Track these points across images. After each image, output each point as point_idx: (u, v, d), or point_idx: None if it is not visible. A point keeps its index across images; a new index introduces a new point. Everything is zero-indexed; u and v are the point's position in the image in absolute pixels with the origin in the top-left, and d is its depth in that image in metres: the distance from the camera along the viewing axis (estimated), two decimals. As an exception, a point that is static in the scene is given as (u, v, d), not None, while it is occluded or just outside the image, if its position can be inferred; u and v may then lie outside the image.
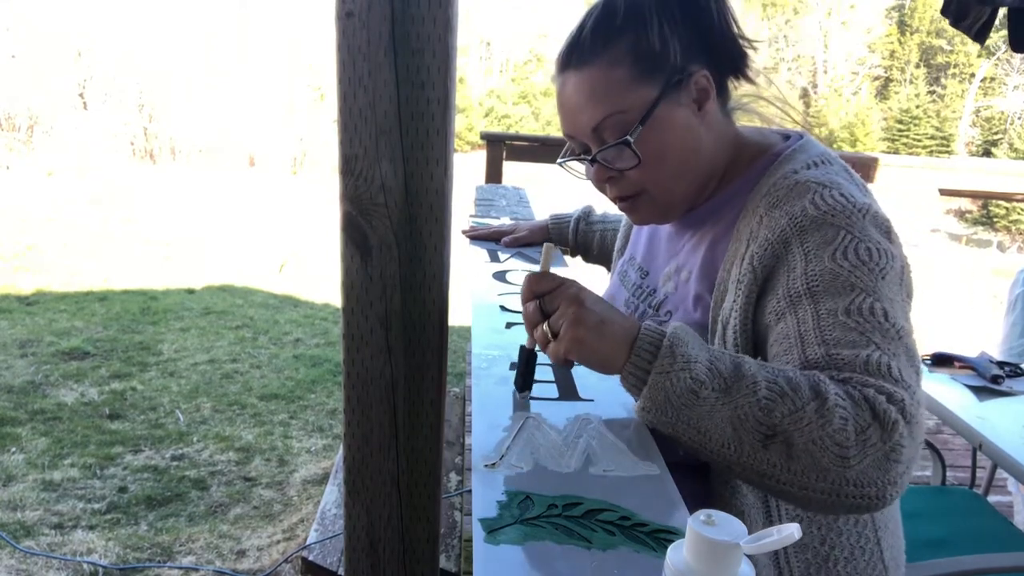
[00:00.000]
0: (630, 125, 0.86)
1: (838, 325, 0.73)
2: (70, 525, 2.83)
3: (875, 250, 0.76)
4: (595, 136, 0.89)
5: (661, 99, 0.86)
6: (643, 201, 0.93)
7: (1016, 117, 32.71)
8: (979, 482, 2.32)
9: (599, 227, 1.45)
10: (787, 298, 0.77)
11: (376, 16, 0.66)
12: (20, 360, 4.54)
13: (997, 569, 1.48)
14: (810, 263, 0.77)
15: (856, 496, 0.66)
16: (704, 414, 0.67)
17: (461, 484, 2.58)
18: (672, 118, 0.87)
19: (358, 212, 0.71)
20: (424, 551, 0.81)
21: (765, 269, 0.81)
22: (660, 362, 0.69)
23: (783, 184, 0.84)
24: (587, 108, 0.88)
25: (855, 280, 0.74)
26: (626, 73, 0.86)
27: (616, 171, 0.90)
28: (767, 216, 0.83)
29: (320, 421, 3.98)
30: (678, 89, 0.87)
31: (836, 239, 0.77)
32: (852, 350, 0.71)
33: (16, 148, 13.30)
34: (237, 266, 8.01)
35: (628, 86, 0.86)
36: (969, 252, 18.63)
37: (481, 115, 30.48)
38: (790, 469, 0.66)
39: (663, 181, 0.90)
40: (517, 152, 4.04)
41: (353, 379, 0.76)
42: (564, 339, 0.74)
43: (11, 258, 7.33)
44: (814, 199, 0.80)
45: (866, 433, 0.65)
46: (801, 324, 0.75)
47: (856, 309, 0.73)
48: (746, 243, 0.84)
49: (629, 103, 0.86)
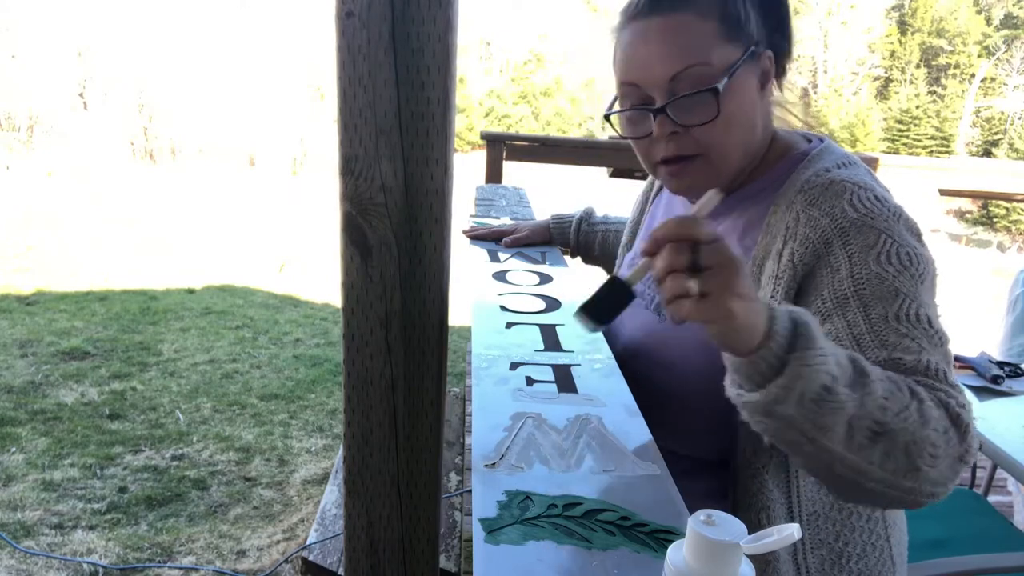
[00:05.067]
0: (710, 79, 0.83)
1: (891, 330, 0.75)
2: (70, 525, 2.83)
3: (913, 255, 0.79)
4: (668, 87, 0.85)
5: (741, 62, 0.85)
6: (698, 165, 0.89)
7: (1016, 117, 32.72)
8: (979, 482, 2.32)
9: (601, 228, 1.46)
10: (833, 299, 0.79)
11: (376, 16, 0.66)
12: (20, 360, 4.54)
13: (997, 569, 1.48)
14: (855, 266, 0.78)
15: (925, 495, 0.68)
16: (830, 410, 0.64)
17: (461, 484, 2.57)
18: (746, 85, 0.87)
19: (358, 212, 0.71)
20: (424, 551, 0.81)
21: (805, 267, 0.82)
22: (800, 353, 0.63)
23: (817, 182, 0.85)
24: (670, 56, 0.84)
25: (899, 285, 0.76)
26: (714, 28, 0.84)
27: (682, 126, 0.86)
28: (804, 214, 0.83)
29: (320, 421, 3.98)
30: (752, 60, 0.87)
31: (878, 243, 0.79)
32: (911, 355, 0.73)
33: (16, 148, 13.30)
34: (237, 266, 8.01)
35: (714, 41, 0.84)
36: (969, 252, 18.63)
37: (481, 115, 30.50)
38: (884, 467, 0.66)
39: (727, 145, 0.88)
40: (517, 152, 4.04)
41: (353, 379, 0.76)
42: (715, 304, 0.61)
43: (11, 258, 7.34)
44: (852, 200, 0.82)
45: (948, 435, 0.68)
46: (853, 327, 0.76)
47: (904, 315, 0.75)
48: (782, 239, 0.85)
49: (715, 58, 0.84)
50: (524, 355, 0.94)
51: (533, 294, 1.17)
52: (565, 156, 4.25)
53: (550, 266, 1.35)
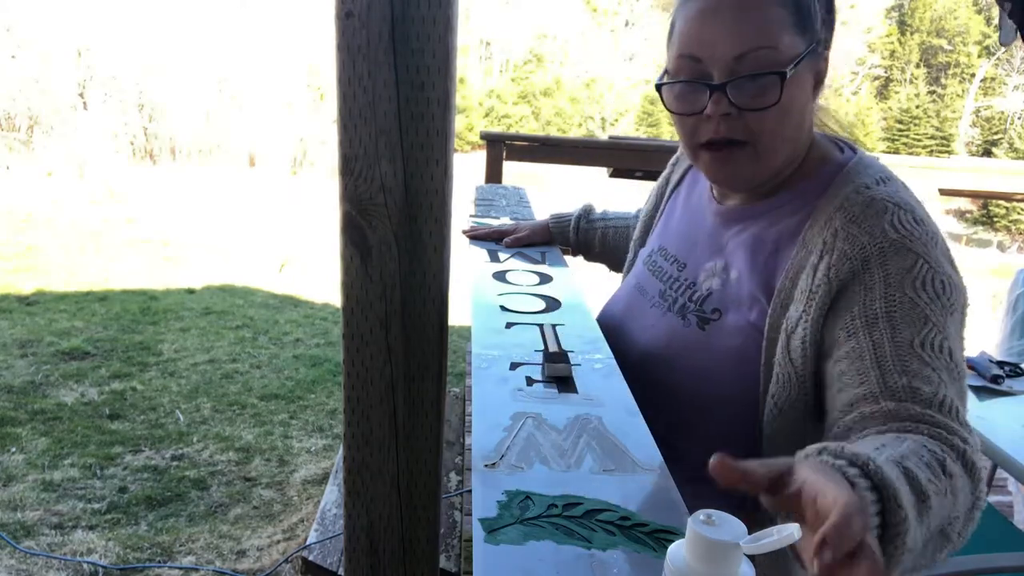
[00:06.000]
0: (776, 65, 0.83)
1: (915, 357, 0.75)
2: (70, 525, 2.83)
3: (947, 284, 0.79)
4: (731, 65, 0.84)
5: (806, 56, 0.85)
6: (746, 153, 0.88)
7: (1016, 117, 32.71)
8: (979, 482, 2.32)
9: (600, 225, 1.46)
10: (863, 317, 0.79)
11: (376, 16, 0.66)
12: (20, 360, 4.54)
13: (997, 569, 1.48)
14: (890, 288, 0.79)
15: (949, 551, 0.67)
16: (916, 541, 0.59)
17: (461, 484, 2.57)
18: (805, 81, 0.87)
19: (358, 212, 0.71)
20: (424, 551, 0.81)
21: (841, 283, 0.82)
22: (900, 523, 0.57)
23: (857, 200, 0.85)
24: (740, 33, 0.84)
25: (929, 313, 0.77)
26: (787, 16, 0.85)
27: (738, 108, 0.85)
28: (843, 231, 0.83)
29: (320, 421, 3.98)
30: (813, 58, 0.87)
31: (915, 268, 0.79)
32: (930, 387, 0.73)
33: (16, 148, 13.30)
34: (237, 266, 8.01)
35: (785, 28, 0.85)
36: (969, 252, 18.63)
37: (481, 115, 30.48)
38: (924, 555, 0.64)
39: (778, 135, 0.87)
40: (517, 152, 4.04)
41: (353, 379, 0.76)
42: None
43: (11, 258, 7.33)
44: (893, 221, 0.82)
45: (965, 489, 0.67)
46: (877, 348, 0.77)
47: (929, 343, 0.76)
48: (819, 254, 0.85)
49: (782, 44, 0.84)
50: (524, 355, 0.94)
51: (533, 294, 1.17)
52: (565, 156, 4.25)
53: (550, 266, 1.35)
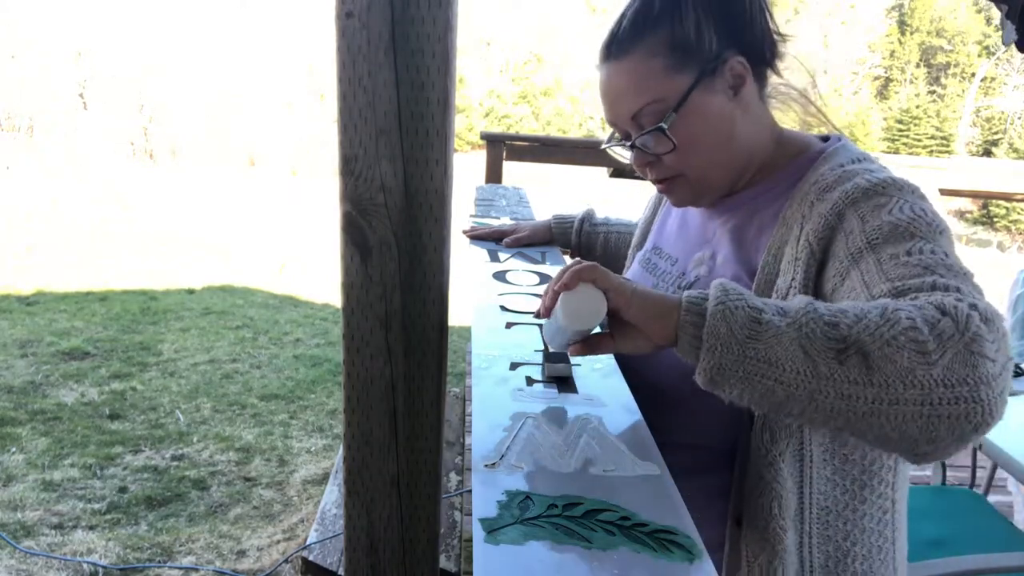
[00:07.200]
0: (666, 113, 0.89)
1: (900, 265, 0.72)
2: (70, 525, 2.84)
3: (929, 212, 0.78)
4: (635, 123, 0.92)
5: (695, 87, 0.89)
6: (680, 183, 0.97)
7: (1016, 117, 32.72)
8: (979, 482, 2.32)
9: (603, 230, 1.47)
10: (848, 257, 0.78)
11: (376, 16, 0.66)
12: (20, 360, 4.54)
13: (997, 569, 1.48)
14: (867, 223, 0.78)
15: (950, 400, 0.61)
16: (772, 341, 0.65)
17: (461, 484, 2.58)
18: (706, 105, 0.90)
19: (358, 212, 0.71)
20: (424, 551, 0.81)
21: (822, 242, 0.82)
22: (714, 301, 0.68)
23: (831, 175, 0.86)
24: (626, 97, 0.92)
25: (914, 230, 0.75)
26: (662, 63, 0.89)
27: (653, 156, 0.94)
28: (818, 200, 0.85)
29: (320, 421, 3.98)
30: (713, 76, 0.90)
31: (890, 202, 0.78)
32: (918, 279, 0.70)
33: (16, 148, 13.30)
34: (237, 266, 8.02)
35: (664, 75, 0.89)
36: (969, 252, 18.63)
37: (481, 115, 30.46)
38: (873, 382, 0.62)
39: (698, 165, 0.94)
40: (517, 152, 4.04)
41: (353, 379, 0.76)
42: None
43: (11, 258, 7.34)
44: (866, 176, 0.83)
45: (939, 327, 0.62)
46: (865, 274, 0.75)
47: (918, 250, 0.73)
48: (798, 226, 0.86)
49: (665, 91, 0.89)
50: (524, 355, 0.94)
51: (533, 294, 1.17)
52: (565, 156, 4.25)
53: (550, 266, 1.35)
